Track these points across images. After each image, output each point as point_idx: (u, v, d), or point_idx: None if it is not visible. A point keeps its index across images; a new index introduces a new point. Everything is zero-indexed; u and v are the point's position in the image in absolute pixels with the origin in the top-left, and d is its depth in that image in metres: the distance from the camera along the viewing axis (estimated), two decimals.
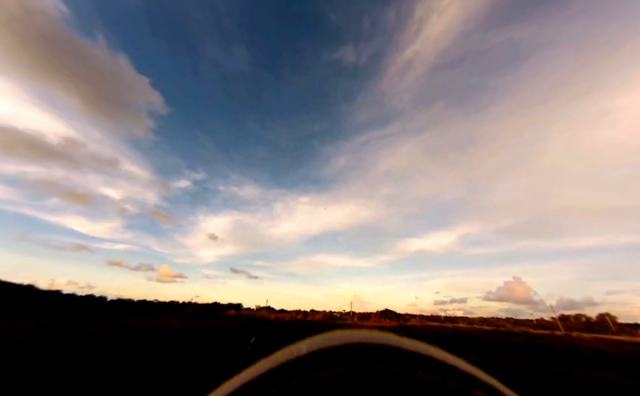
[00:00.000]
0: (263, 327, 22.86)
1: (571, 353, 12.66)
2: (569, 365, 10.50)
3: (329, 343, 0.11)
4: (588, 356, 11.84)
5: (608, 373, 9.02)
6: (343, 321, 52.02)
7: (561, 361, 11.19)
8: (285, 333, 18.19)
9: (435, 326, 39.10)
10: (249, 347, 9.98)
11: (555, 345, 14.35)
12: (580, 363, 10.82)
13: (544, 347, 14.06)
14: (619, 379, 8.01)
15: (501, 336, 20.23)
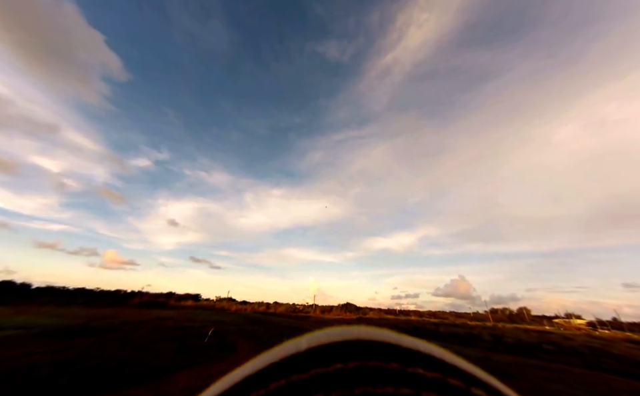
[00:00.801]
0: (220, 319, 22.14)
1: (496, 340, 14.85)
2: (494, 350, 12.37)
3: (329, 339, 0.11)
4: (508, 342, 14.03)
5: (520, 356, 10.94)
6: (306, 314, 52.90)
7: (488, 347, 13.14)
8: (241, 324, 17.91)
9: (390, 318, 42.11)
10: (205, 339, 9.65)
11: (484, 334, 16.68)
12: (502, 348, 12.81)
13: (476, 335, 16.24)
14: (527, 360, 9.83)
15: (444, 327, 22.71)
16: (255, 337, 11.59)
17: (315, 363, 0.08)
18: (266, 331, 14.81)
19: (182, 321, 16.65)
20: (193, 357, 6.69)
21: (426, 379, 0.07)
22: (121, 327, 11.66)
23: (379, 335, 0.11)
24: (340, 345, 0.10)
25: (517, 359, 9.98)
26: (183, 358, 6.53)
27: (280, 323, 22.37)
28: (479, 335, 16.62)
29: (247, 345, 9.29)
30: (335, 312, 61.31)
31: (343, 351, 0.09)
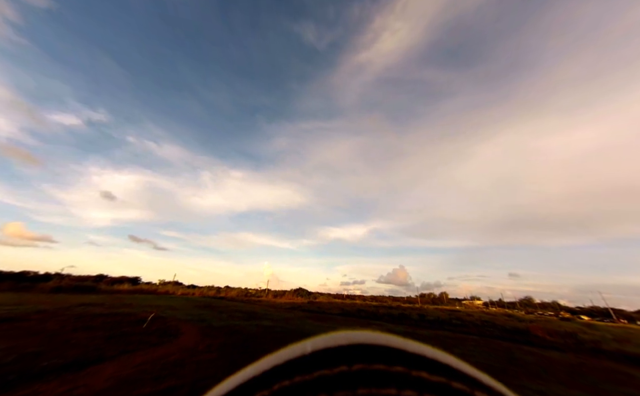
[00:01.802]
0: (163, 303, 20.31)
1: (421, 318, 17.33)
2: (418, 326, 14.46)
3: (334, 342, 0.11)
4: (429, 320, 16.54)
5: (436, 330, 13.04)
6: (258, 298, 52.29)
7: (414, 324, 15.29)
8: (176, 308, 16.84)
9: (338, 302, 44.90)
10: (144, 325, 8.79)
11: (413, 314, 19.29)
12: (424, 324, 15.06)
13: (407, 315, 18.65)
14: (440, 332, 11.80)
15: (383, 309, 25.39)
16: (202, 321, 11.04)
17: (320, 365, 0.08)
18: (214, 314, 14.20)
19: (115, 307, 14.69)
20: (126, 345, 6.05)
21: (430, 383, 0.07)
22: (30, 315, 9.67)
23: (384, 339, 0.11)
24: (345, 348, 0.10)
25: (434, 332, 11.91)
26: (113, 346, 5.84)
27: (230, 307, 21.68)
28: (408, 314, 19.12)
29: (193, 329, 8.79)
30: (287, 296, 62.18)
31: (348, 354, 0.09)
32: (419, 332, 11.63)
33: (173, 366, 4.55)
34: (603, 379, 5.62)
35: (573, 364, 6.95)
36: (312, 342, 0.11)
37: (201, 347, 6.07)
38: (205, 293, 58.32)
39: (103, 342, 6.14)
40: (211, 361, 4.90)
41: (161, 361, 4.87)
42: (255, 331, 8.86)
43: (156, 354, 5.37)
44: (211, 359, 5.05)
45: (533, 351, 8.58)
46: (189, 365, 4.60)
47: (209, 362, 4.84)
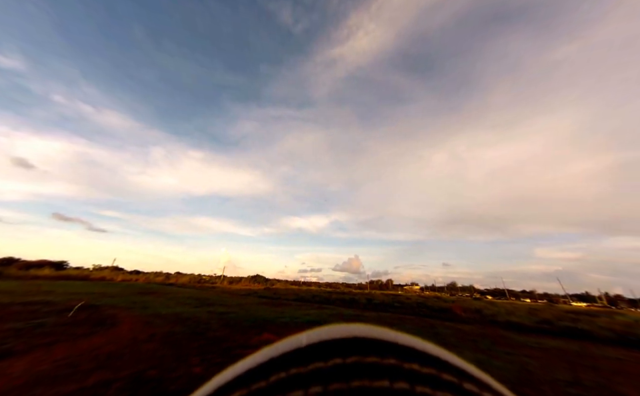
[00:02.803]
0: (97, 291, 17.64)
1: (368, 302, 18.89)
2: (365, 309, 15.74)
3: (329, 335, 0.11)
4: (375, 303, 18.14)
5: (380, 312, 14.42)
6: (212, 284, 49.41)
7: (362, 307, 16.58)
8: None
9: (294, 288, 45.53)
10: (69, 314, 7.52)
11: (362, 299, 20.86)
12: (371, 308, 16.46)
13: (356, 300, 20.08)
14: (383, 314, 13.11)
15: (336, 294, 26.76)
16: (145, 308, 9.96)
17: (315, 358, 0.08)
18: (161, 301, 12.94)
19: (30, 295, 12.12)
20: (43, 337, 5.09)
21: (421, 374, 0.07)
22: None
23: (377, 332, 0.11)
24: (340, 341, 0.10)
25: (378, 314, 13.14)
26: (26, 339, 4.86)
27: (180, 293, 20.03)
28: (358, 299, 20.60)
29: (134, 317, 7.87)
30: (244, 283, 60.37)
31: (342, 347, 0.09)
32: (366, 314, 12.70)
33: (107, 358, 4.02)
34: (495, 342, 7.12)
35: (477, 333, 8.55)
36: (307, 335, 0.11)
37: (142, 337, 5.50)
38: (152, 279, 52.57)
39: (13, 335, 5.04)
40: (154, 351, 4.49)
41: (91, 353, 4.26)
42: (206, 318, 8.41)
43: (84, 346, 4.66)
44: (154, 349, 4.63)
45: (452, 325, 10.25)
46: (127, 356, 4.13)
47: (151, 352, 4.42)
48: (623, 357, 6.55)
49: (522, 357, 5.68)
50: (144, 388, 3.04)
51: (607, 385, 4.13)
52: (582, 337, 9.26)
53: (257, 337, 5.92)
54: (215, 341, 5.34)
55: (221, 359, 4.16)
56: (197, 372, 3.56)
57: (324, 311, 12.96)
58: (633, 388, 4.04)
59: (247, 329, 6.81)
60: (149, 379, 3.27)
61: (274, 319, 8.87)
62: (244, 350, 4.79)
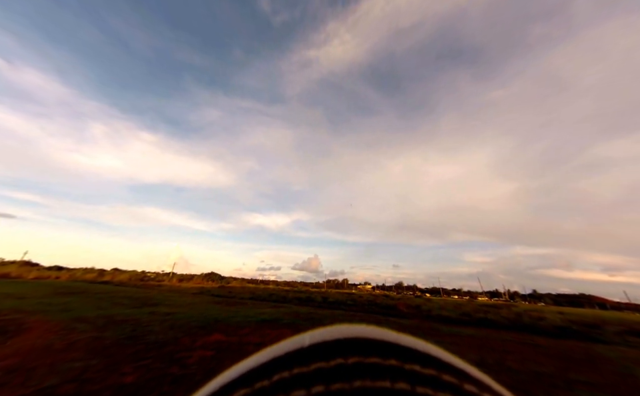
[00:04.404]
0: None
1: (324, 300, 19.33)
2: (320, 307, 16.07)
3: (330, 336, 0.10)
4: (330, 301, 18.67)
5: (334, 310, 14.92)
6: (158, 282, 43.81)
7: (317, 305, 16.88)
8: None
9: (251, 287, 43.58)
10: None
11: (318, 297, 21.24)
12: (325, 306, 16.89)
13: (312, 298, 20.34)
14: (336, 312, 13.61)
15: (293, 293, 26.61)
16: (67, 311, 8.28)
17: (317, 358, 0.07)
18: (89, 302, 10.93)
19: None
20: None
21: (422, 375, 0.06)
22: None
23: (378, 333, 0.11)
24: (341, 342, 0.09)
25: (332, 311, 13.56)
26: None
27: (116, 293, 17.23)
28: (314, 298, 20.89)
29: (48, 322, 6.47)
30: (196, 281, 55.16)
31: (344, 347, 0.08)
32: (320, 312, 12.97)
33: (5, 373, 3.23)
34: (427, 333, 8.07)
35: (414, 326, 9.59)
36: (309, 335, 0.11)
37: (59, 345, 4.57)
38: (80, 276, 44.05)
39: None
40: (73, 361, 3.78)
41: None
42: (147, 320, 7.44)
43: None
44: (74, 358, 3.89)
45: (395, 320, 11.25)
46: (35, 370, 3.39)
47: (68, 363, 3.71)
48: (514, 339, 8.24)
49: (446, 344, 6.62)
50: None
51: (502, 362, 5.14)
52: (489, 326, 11.27)
53: (204, 338, 5.50)
54: (155, 346, 4.78)
55: (159, 365, 3.75)
56: (129, 381, 3.13)
57: (279, 309, 12.79)
58: (516, 363, 5.13)
59: (195, 330, 6.27)
60: (63, 394, 2.74)
61: (226, 319, 8.37)
62: (188, 353, 4.40)
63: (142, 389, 2.93)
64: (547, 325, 10.73)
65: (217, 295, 21.37)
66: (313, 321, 9.28)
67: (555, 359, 5.79)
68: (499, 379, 1.06)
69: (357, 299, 22.00)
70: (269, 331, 6.91)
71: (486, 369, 4.45)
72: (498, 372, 4.49)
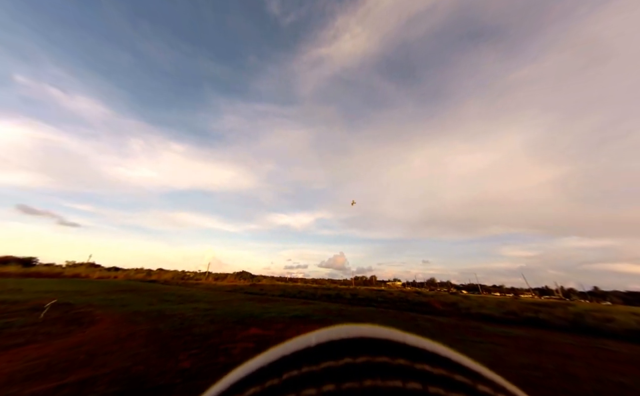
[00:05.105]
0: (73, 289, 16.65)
1: (353, 297, 19.32)
2: (350, 304, 16.10)
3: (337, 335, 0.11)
4: (360, 298, 18.61)
5: (364, 306, 14.83)
6: (196, 281, 48.02)
7: (347, 302, 16.95)
8: None
9: (280, 284, 45.38)
10: (41, 314, 7.08)
11: (347, 294, 21.31)
12: (355, 302, 16.87)
13: (341, 295, 20.46)
14: (367, 308, 13.53)
15: (321, 290, 27.07)
16: (125, 305, 9.57)
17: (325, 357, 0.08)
18: (142, 298, 12.46)
19: None
20: (13, 338, 4.79)
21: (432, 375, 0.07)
22: None
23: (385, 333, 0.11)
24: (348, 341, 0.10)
25: (362, 308, 13.51)
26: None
27: (162, 290, 19.36)
28: (343, 294, 21.02)
29: (113, 315, 7.56)
30: (229, 279, 59.20)
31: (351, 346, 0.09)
32: (351, 308, 13.01)
33: (86, 357, 3.89)
34: (467, 332, 7.63)
35: (453, 325, 9.10)
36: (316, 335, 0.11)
37: (124, 335, 5.33)
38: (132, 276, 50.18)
39: None
40: (137, 348, 4.39)
41: (68, 352, 4.09)
42: (191, 315, 8.25)
43: (60, 345, 4.46)
44: (138, 346, 4.52)
45: (430, 318, 10.80)
46: (108, 355, 4.02)
47: (135, 349, 4.32)
48: (575, 342, 7.31)
49: (492, 344, 6.17)
50: (133, 382, 3.00)
51: (563, 367, 4.62)
52: (542, 326, 10.16)
53: (243, 332, 5.93)
54: (200, 337, 5.30)
55: (207, 354, 4.16)
56: (186, 366, 3.55)
57: (309, 306, 13.13)
58: (583, 369, 4.56)
59: (233, 325, 6.79)
60: (136, 375, 3.22)
61: (260, 315, 8.88)
62: (232, 344, 4.80)
63: (198, 374, 3.31)
64: (617, 327, 9.31)
65: (249, 293, 22.69)
66: (344, 317, 9.38)
67: (632, 367, 5.02)
68: (562, 388, 1.04)
69: (387, 295, 21.56)
70: (302, 326, 7.17)
71: (545, 375, 4.06)
72: (560, 380, 4.02)
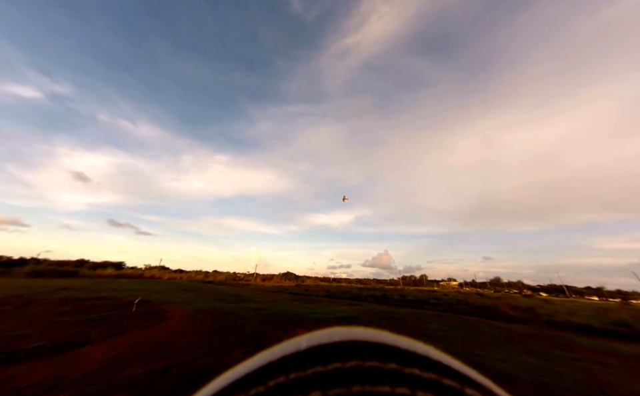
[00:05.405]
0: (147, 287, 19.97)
1: (402, 298, 18.33)
2: (399, 305, 15.31)
3: (328, 339, 0.11)
4: (409, 300, 17.53)
5: (415, 308, 13.89)
6: (246, 281, 52.58)
7: (394, 304, 16.17)
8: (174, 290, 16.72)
9: (324, 284, 46.19)
10: (133, 309, 8.66)
11: (394, 295, 20.34)
12: (404, 304, 15.97)
13: (388, 296, 19.64)
14: (418, 311, 12.60)
15: (366, 291, 26.51)
16: (189, 304, 11.03)
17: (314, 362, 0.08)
18: (202, 297, 14.21)
19: (99, 291, 14.27)
20: (112, 328, 5.98)
21: (422, 380, 0.07)
22: (6, 299, 9.21)
23: (377, 336, 0.11)
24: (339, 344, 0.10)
25: (412, 310, 12.69)
26: (100, 329, 5.76)
27: (218, 290, 21.72)
28: (390, 295, 20.14)
29: (181, 312, 8.79)
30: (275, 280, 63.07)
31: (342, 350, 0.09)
32: (399, 310, 12.36)
33: (163, 347, 4.59)
34: (552, 345, 6.34)
35: (530, 334, 7.74)
36: (306, 338, 0.11)
37: (190, 329, 6.13)
38: (193, 277, 57.80)
39: (88, 325, 6.02)
40: (201, 343, 4.98)
41: (149, 343, 4.89)
42: (243, 314, 9.02)
43: (144, 337, 5.37)
44: (201, 341, 5.13)
45: (498, 324, 9.44)
46: (179, 347, 4.66)
47: (199, 343, 4.92)
48: None
49: (592, 363, 5.01)
50: (196, 373, 3.43)
51: None
52: None
53: (291, 332, 6.18)
54: (252, 336, 5.72)
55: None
56: None
57: (355, 307, 12.95)
58: None
59: (282, 325, 7.14)
60: (198, 366, 3.66)
61: (306, 315, 9.14)
62: None
63: None
64: None
65: (294, 293, 23.69)
66: (392, 320, 8.95)
67: None
68: None
69: (442, 297, 19.77)
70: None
71: None
72: None
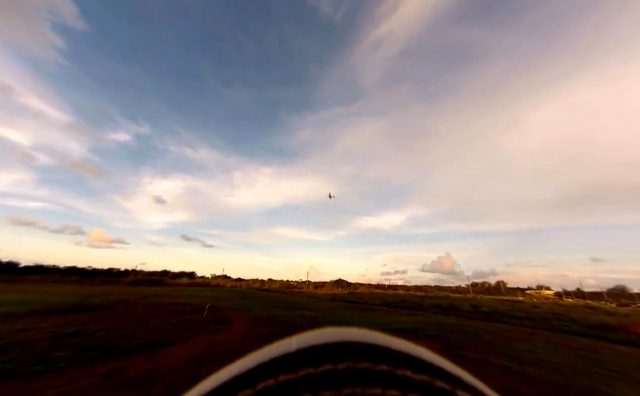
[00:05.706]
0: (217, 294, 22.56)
1: (474, 309, 15.90)
2: (471, 318, 13.29)
3: (319, 340, 0.11)
4: (484, 311, 15.06)
5: (493, 322, 11.80)
6: (299, 289, 54.61)
7: (466, 316, 14.09)
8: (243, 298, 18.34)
9: (379, 293, 44.15)
10: (204, 314, 9.87)
11: (464, 305, 17.82)
12: (478, 316, 13.77)
13: (456, 306, 17.32)
14: (498, 325, 10.64)
15: (429, 299, 24.07)
16: (249, 310, 11.95)
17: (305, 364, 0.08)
18: (260, 305, 15.26)
19: (178, 298, 16.91)
20: (190, 330, 6.88)
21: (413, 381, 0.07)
22: (116, 303, 11.73)
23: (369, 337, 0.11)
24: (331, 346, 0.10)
25: (490, 325, 10.81)
26: (181, 331, 6.70)
27: (274, 298, 23.06)
28: (459, 305, 17.73)
29: (243, 318, 9.58)
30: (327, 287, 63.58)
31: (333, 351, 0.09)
32: (472, 324, 10.70)
33: (231, 351, 4.99)
34: None
35: None
36: (297, 339, 0.11)
37: (252, 335, 6.56)
38: (251, 285, 63.24)
39: (173, 327, 7.10)
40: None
41: (220, 345, 5.41)
42: (299, 321, 9.23)
43: (215, 340, 5.99)
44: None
45: (631, 351, 7.12)
46: (243, 351, 4.98)
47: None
48: None
49: None
50: None
51: None
52: None
53: None
54: None
55: None
56: None
57: (416, 318, 11.82)
58: None
59: None
60: None
61: (363, 325, 8.77)
62: None
63: None
64: None
65: (348, 301, 23.28)
66: (467, 335, 7.72)
67: None
68: None
69: (530, 309, 16.33)
70: None
71: None
72: None
